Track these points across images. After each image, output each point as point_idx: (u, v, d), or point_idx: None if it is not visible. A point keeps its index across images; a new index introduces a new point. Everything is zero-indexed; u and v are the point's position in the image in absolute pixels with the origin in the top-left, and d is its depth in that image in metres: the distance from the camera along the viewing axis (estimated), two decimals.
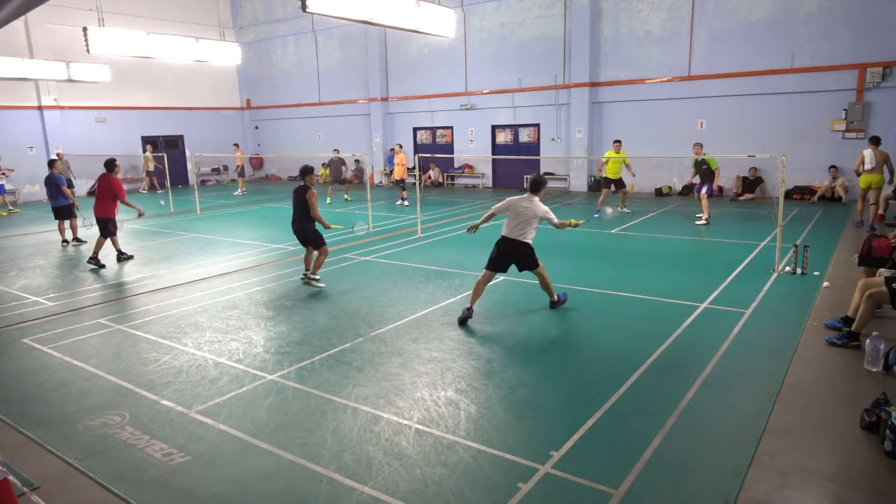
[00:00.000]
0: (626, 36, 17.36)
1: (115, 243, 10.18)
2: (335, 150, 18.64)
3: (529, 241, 6.52)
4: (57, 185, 11.39)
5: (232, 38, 24.79)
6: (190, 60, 14.86)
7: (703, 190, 12.32)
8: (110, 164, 9.88)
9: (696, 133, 16.56)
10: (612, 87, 17.86)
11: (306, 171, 8.21)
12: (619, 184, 13.79)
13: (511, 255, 6.56)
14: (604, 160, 13.84)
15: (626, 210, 14.03)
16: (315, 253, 8.28)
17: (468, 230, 6.96)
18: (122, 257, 10.18)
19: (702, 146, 12.56)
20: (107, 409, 4.68)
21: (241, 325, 6.65)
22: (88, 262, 9.84)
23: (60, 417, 4.59)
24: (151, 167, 22.13)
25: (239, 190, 21.31)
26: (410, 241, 11.21)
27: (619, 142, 13.98)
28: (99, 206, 9.81)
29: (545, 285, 6.73)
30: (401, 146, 17.32)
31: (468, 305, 6.50)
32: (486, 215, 6.78)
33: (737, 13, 15.58)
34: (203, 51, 14.15)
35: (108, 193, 9.75)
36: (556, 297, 6.86)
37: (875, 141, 11.43)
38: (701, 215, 12.39)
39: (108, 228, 9.84)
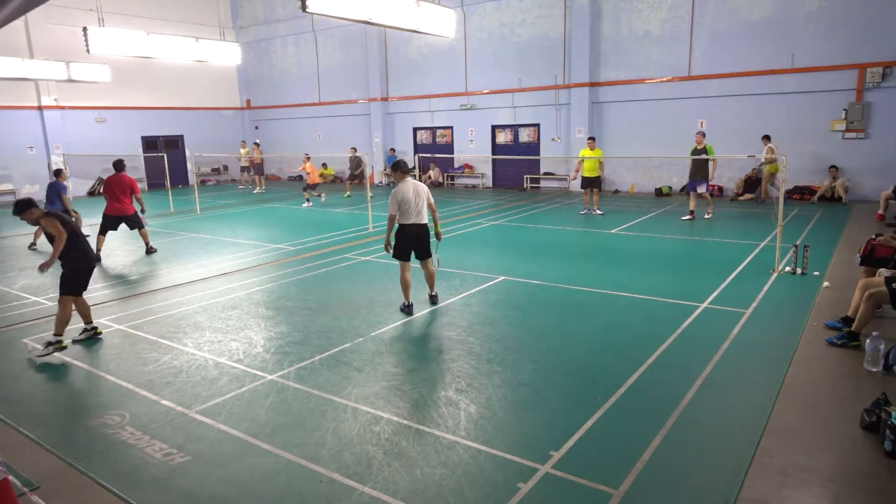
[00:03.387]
0: (626, 36, 17.35)
1: (144, 235, 10.81)
2: (352, 147, 19.84)
3: (427, 222, 6.77)
4: (58, 192, 11.31)
5: (232, 38, 24.78)
6: (190, 60, 14.86)
7: (704, 188, 12.53)
8: (120, 164, 10.44)
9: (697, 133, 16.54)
10: (612, 87, 17.86)
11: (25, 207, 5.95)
12: (596, 183, 13.73)
13: (415, 240, 6.70)
14: (579, 159, 13.77)
15: (599, 212, 13.89)
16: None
17: (385, 248, 6.90)
18: (152, 251, 10.81)
19: (704, 135, 12.64)
20: (107, 409, 4.68)
21: (241, 325, 6.66)
22: (147, 254, 10.65)
23: (60, 417, 4.60)
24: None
25: (259, 188, 22.00)
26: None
27: (593, 139, 13.88)
28: (119, 206, 10.28)
29: (430, 277, 7.02)
30: (308, 156, 18.27)
31: (406, 302, 6.83)
32: (388, 224, 6.76)
33: (737, 13, 15.58)
34: (203, 51, 14.14)
35: (125, 192, 10.27)
36: (435, 293, 7.15)
37: (769, 137, 14.64)
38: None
39: (141, 221, 10.58)
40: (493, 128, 20.69)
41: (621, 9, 17.26)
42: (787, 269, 8.11)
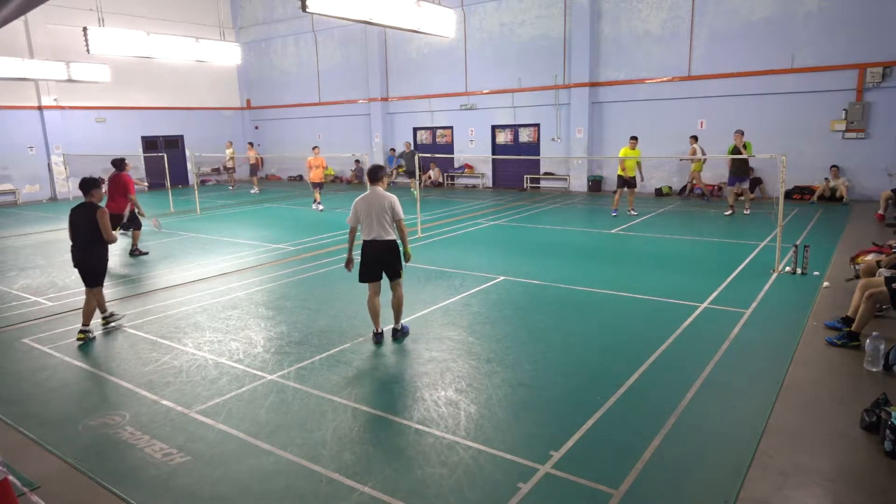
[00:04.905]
0: (626, 36, 17.35)
1: (135, 237, 10.82)
2: (407, 143, 19.66)
3: (393, 238, 5.87)
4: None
5: (232, 38, 24.78)
6: (190, 60, 14.87)
7: (745, 184, 13.03)
8: (118, 164, 10.34)
9: (697, 133, 16.53)
10: (612, 87, 17.86)
11: (90, 186, 6.33)
12: (632, 183, 13.55)
13: (378, 260, 5.86)
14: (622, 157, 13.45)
15: (633, 212, 13.85)
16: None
17: (346, 266, 6.09)
18: (135, 253, 10.77)
19: (742, 133, 12.80)
20: (107, 409, 4.68)
21: (241, 325, 6.66)
22: (131, 255, 10.59)
23: (60, 417, 4.59)
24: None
25: (255, 188, 21.85)
26: (410, 241, 11.19)
27: (635, 138, 13.54)
28: (112, 206, 10.11)
29: (397, 304, 6.05)
30: (318, 149, 16.91)
31: (375, 330, 5.99)
32: (349, 237, 6.07)
33: (737, 13, 15.58)
34: (203, 51, 14.15)
35: (119, 191, 10.19)
36: (400, 326, 6.14)
37: (696, 138, 15.29)
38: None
39: (137, 222, 10.57)
40: (493, 128, 20.69)
41: (621, 9, 17.26)
42: (787, 269, 8.11)
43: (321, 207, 15.80)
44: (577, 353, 5.58)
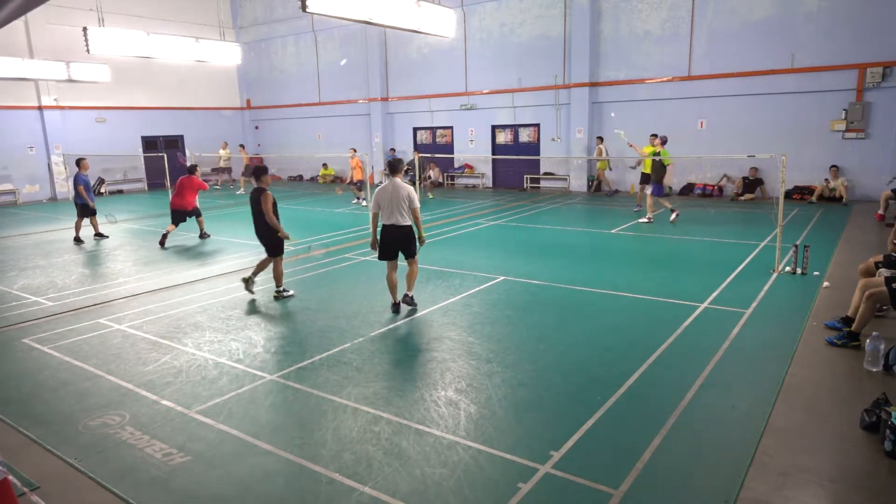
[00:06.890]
0: (626, 36, 17.35)
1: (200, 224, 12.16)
2: (416, 151, 19.58)
3: (409, 223, 6.72)
4: (75, 184, 12.02)
5: (232, 38, 24.76)
6: (190, 60, 14.87)
7: (651, 190, 12.24)
8: (192, 168, 11.98)
9: (697, 133, 16.56)
10: (612, 87, 17.85)
11: (259, 173, 7.89)
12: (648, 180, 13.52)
13: (395, 241, 6.74)
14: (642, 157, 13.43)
15: (638, 209, 13.85)
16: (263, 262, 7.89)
17: (371, 246, 6.93)
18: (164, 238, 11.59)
19: (656, 136, 12.31)
20: (107, 409, 4.68)
21: (241, 325, 6.66)
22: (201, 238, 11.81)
23: (60, 417, 4.59)
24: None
25: (241, 189, 21.71)
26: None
27: (655, 136, 13.38)
28: (179, 199, 11.66)
29: (411, 275, 6.92)
30: (355, 150, 17.48)
31: (393, 301, 6.91)
32: (371, 222, 6.93)
33: (737, 13, 15.57)
34: (203, 51, 14.15)
35: (191, 189, 11.72)
36: (412, 294, 6.95)
37: (602, 139, 16.85)
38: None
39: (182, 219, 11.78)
40: (493, 128, 20.69)
41: (621, 9, 17.26)
42: (787, 269, 8.11)
43: (364, 203, 16.43)
44: (578, 353, 5.58)
